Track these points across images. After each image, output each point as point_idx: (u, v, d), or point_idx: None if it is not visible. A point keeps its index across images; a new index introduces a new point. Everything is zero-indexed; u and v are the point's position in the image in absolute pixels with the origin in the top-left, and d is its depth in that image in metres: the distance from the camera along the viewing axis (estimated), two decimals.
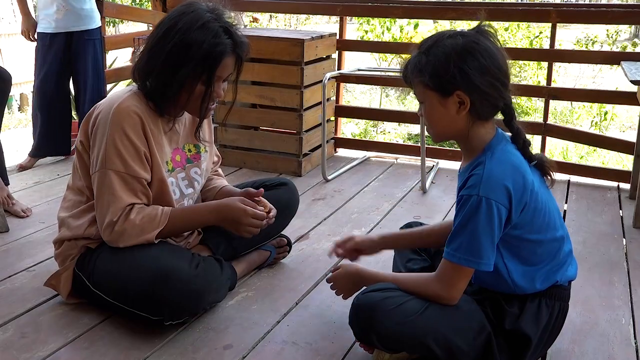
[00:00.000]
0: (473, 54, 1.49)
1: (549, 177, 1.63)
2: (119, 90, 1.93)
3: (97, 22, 3.58)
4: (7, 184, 2.79)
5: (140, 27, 8.72)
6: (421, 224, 2.03)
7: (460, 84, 1.49)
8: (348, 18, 4.14)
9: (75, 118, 5.42)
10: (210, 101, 1.87)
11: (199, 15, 1.80)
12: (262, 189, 2.01)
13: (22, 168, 3.55)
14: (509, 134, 1.61)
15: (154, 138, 1.86)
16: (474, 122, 1.55)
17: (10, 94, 8.00)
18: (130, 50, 4.42)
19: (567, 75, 8.57)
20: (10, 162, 3.34)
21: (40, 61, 3.52)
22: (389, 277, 1.69)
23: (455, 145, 6.50)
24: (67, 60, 3.53)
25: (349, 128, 6.85)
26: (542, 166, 1.61)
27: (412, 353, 1.65)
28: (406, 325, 1.53)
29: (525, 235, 1.57)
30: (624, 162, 5.45)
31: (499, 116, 1.59)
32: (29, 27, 3.56)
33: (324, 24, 14.85)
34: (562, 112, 7.56)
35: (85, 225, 1.91)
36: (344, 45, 4.03)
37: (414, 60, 1.56)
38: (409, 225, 2.04)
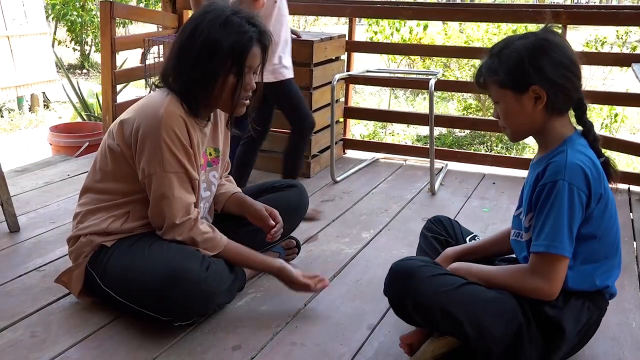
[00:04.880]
0: (545, 49, 1.54)
1: (612, 182, 1.63)
2: (151, 95, 1.93)
3: None
4: None
5: (150, 28, 8.74)
6: (449, 219, 2.04)
7: (535, 79, 1.54)
8: (357, 19, 4.14)
9: (86, 118, 5.44)
10: (244, 91, 1.89)
11: (221, 11, 1.85)
12: (276, 212, 2.12)
13: None
14: (580, 128, 1.65)
15: (193, 140, 1.89)
16: (550, 116, 1.60)
17: (21, 94, 8.02)
18: (140, 51, 4.44)
19: None
20: (21, 162, 3.35)
21: None
22: (484, 269, 1.68)
23: (464, 147, 6.49)
24: None
25: (357, 129, 6.84)
26: (608, 168, 1.62)
27: (443, 328, 1.62)
28: (442, 295, 1.54)
29: (593, 231, 1.57)
30: (634, 164, 5.42)
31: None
32: None
33: (333, 25, 14.86)
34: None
35: (109, 220, 1.92)
36: (353, 46, 4.03)
37: (487, 64, 1.61)
38: (437, 219, 2.04)
